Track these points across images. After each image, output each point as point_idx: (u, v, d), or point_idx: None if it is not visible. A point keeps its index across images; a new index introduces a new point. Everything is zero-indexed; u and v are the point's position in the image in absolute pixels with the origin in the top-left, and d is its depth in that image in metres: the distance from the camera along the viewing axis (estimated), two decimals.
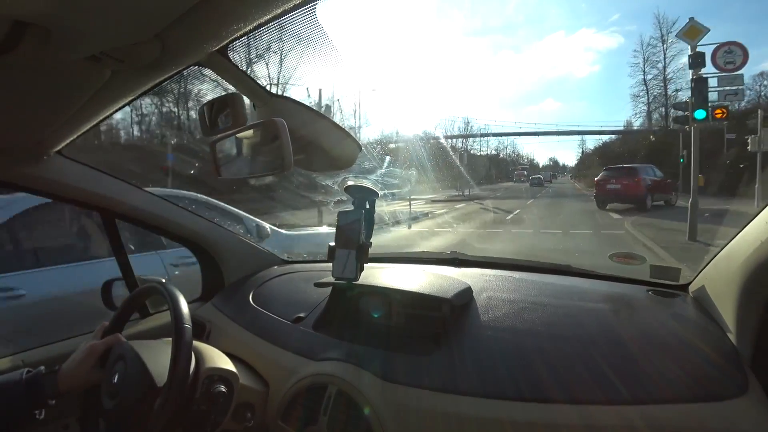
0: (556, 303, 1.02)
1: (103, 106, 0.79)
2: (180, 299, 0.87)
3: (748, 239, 0.82)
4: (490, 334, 0.94)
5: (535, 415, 0.76)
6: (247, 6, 0.50)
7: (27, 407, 0.83)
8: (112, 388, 0.85)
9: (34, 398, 0.84)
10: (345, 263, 1.05)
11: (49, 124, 0.83)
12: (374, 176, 1.35)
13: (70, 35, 0.48)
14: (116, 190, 1.19)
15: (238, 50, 0.67)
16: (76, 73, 0.59)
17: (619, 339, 0.86)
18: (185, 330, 0.82)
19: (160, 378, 0.81)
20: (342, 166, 0.88)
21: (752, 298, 0.80)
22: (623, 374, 0.77)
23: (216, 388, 0.89)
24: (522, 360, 0.85)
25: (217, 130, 0.74)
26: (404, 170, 9.16)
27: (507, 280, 1.17)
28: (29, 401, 0.84)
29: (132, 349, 0.88)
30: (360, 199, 1.06)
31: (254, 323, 1.21)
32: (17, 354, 1.10)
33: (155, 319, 1.34)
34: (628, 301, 1.04)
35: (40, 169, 1.00)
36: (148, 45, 0.54)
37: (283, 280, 1.46)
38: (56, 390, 0.86)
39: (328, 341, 1.05)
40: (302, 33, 0.63)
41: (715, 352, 0.80)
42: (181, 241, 1.43)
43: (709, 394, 0.72)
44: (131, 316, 1.06)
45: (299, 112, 0.78)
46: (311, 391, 0.94)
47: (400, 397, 0.87)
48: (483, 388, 0.83)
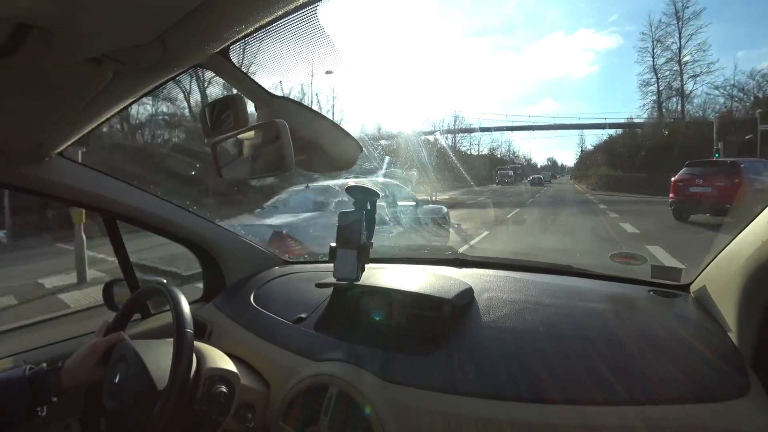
0: (557, 303, 1.02)
1: (104, 108, 0.79)
2: (181, 300, 0.88)
3: (749, 239, 0.81)
4: (490, 335, 0.94)
5: (534, 416, 0.76)
6: (248, 8, 0.50)
7: (29, 404, 0.84)
8: (113, 388, 0.85)
9: (36, 395, 0.85)
10: (346, 264, 1.05)
11: (50, 126, 0.83)
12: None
13: (72, 37, 0.48)
14: (117, 192, 1.19)
15: (239, 52, 0.68)
16: (78, 74, 0.59)
17: (619, 339, 0.86)
18: (186, 331, 0.83)
19: (160, 380, 0.81)
20: (343, 166, 0.88)
21: (753, 298, 0.79)
22: (623, 375, 0.77)
23: (217, 389, 0.90)
24: (522, 361, 0.85)
25: (219, 131, 0.74)
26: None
27: (508, 280, 1.17)
28: (32, 398, 0.84)
29: (133, 349, 0.88)
30: (361, 200, 1.07)
31: (255, 324, 1.22)
32: (19, 354, 1.10)
33: (157, 320, 1.34)
34: (629, 302, 1.04)
35: (41, 170, 1.00)
36: (149, 47, 0.54)
37: (284, 280, 1.46)
38: (59, 386, 0.87)
39: (329, 342, 1.06)
40: (303, 34, 0.63)
41: (716, 352, 0.80)
42: (182, 241, 1.43)
43: (710, 395, 0.72)
44: (133, 316, 1.07)
45: (300, 113, 0.78)
46: (312, 391, 0.95)
47: (401, 398, 0.87)
48: (483, 388, 0.83)
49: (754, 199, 7.65)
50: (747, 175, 8.24)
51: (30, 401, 0.84)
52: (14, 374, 0.87)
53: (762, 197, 7.19)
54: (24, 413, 0.84)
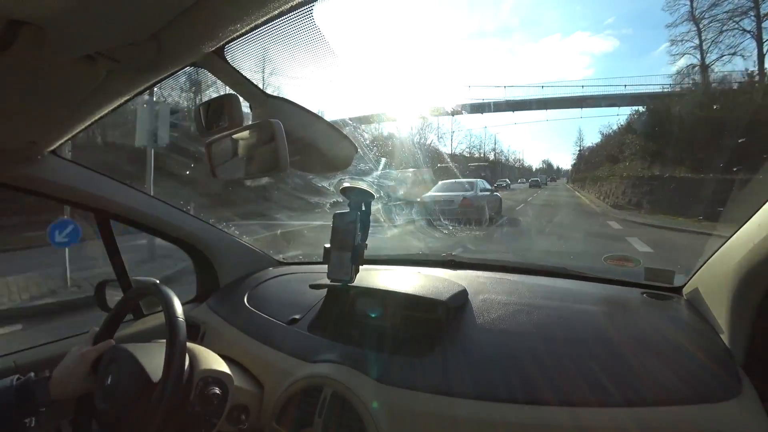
0: (551, 305, 1.02)
1: (98, 106, 0.79)
2: (174, 300, 0.87)
3: (741, 242, 0.82)
4: (484, 337, 0.95)
5: (528, 418, 0.76)
6: (243, 7, 0.50)
7: (18, 416, 0.81)
8: (105, 390, 0.84)
9: (25, 406, 0.82)
10: (340, 265, 1.05)
11: (43, 124, 0.82)
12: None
13: (66, 34, 0.48)
14: (110, 191, 1.19)
15: (234, 51, 0.67)
16: (71, 72, 0.59)
17: (612, 341, 0.87)
18: (179, 330, 0.82)
19: (154, 377, 0.80)
20: (338, 167, 0.88)
21: (745, 300, 0.80)
22: (616, 376, 0.78)
23: (210, 390, 0.89)
24: (516, 362, 0.86)
25: (213, 130, 0.74)
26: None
27: (502, 282, 1.17)
28: (20, 409, 0.82)
29: (125, 350, 0.87)
30: (356, 201, 1.06)
31: (249, 325, 1.21)
32: (8, 355, 1.09)
33: (149, 321, 1.33)
34: (622, 304, 1.05)
35: (34, 168, 0.99)
36: (143, 45, 0.53)
37: (278, 281, 1.45)
38: (48, 398, 0.85)
39: (323, 343, 1.05)
40: (299, 34, 0.63)
41: (708, 354, 0.80)
42: (176, 241, 1.42)
43: (702, 397, 0.72)
44: (125, 317, 1.06)
45: (295, 114, 0.78)
46: (306, 393, 0.94)
47: (395, 399, 0.87)
48: (477, 390, 0.83)
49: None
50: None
51: (18, 413, 0.82)
52: (1, 385, 0.84)
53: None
54: (11, 425, 0.81)
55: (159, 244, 6.01)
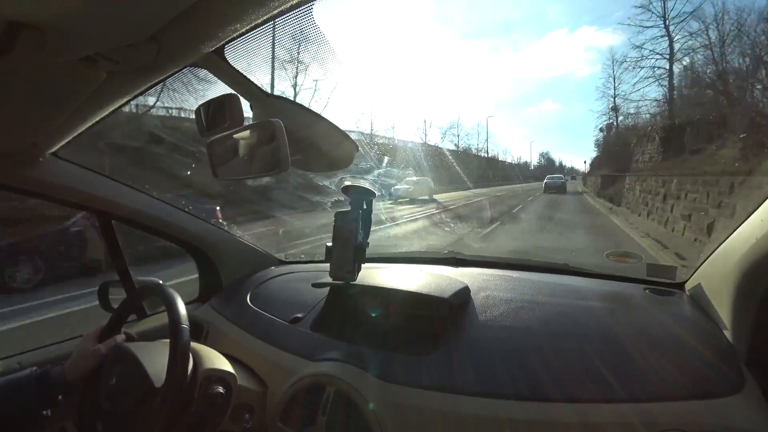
0: (553, 302, 1.02)
1: (98, 108, 0.79)
2: (177, 300, 0.87)
3: (743, 237, 0.82)
4: (487, 334, 0.95)
5: (532, 414, 0.76)
6: (243, 7, 0.50)
7: (36, 405, 0.85)
8: (109, 390, 0.85)
9: (43, 394, 0.85)
10: (342, 263, 1.05)
11: (44, 126, 0.82)
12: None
13: (65, 36, 0.48)
14: (112, 192, 1.19)
15: (234, 51, 0.67)
16: (72, 74, 0.59)
17: (615, 337, 0.87)
18: (182, 331, 0.82)
19: (157, 379, 0.81)
20: (339, 166, 0.88)
21: (748, 295, 0.80)
22: (620, 372, 0.78)
23: (214, 389, 0.89)
24: (519, 359, 0.86)
25: (214, 130, 0.74)
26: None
27: (504, 279, 1.17)
28: (39, 398, 0.85)
29: (130, 350, 0.87)
30: (357, 200, 1.06)
31: (252, 324, 1.21)
32: (12, 356, 1.09)
33: (153, 321, 1.33)
34: (625, 300, 1.05)
35: (35, 171, 0.99)
36: (143, 46, 0.53)
37: (281, 280, 1.46)
38: (63, 379, 0.88)
39: (326, 341, 1.05)
40: (299, 34, 0.63)
41: (711, 349, 0.80)
42: (179, 242, 1.42)
43: (705, 392, 0.72)
44: (128, 317, 1.06)
45: (296, 113, 0.78)
46: (309, 391, 0.94)
47: (399, 397, 0.87)
48: (481, 387, 0.83)
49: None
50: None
51: (37, 402, 0.85)
52: (22, 376, 0.87)
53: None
54: (30, 415, 0.84)
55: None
